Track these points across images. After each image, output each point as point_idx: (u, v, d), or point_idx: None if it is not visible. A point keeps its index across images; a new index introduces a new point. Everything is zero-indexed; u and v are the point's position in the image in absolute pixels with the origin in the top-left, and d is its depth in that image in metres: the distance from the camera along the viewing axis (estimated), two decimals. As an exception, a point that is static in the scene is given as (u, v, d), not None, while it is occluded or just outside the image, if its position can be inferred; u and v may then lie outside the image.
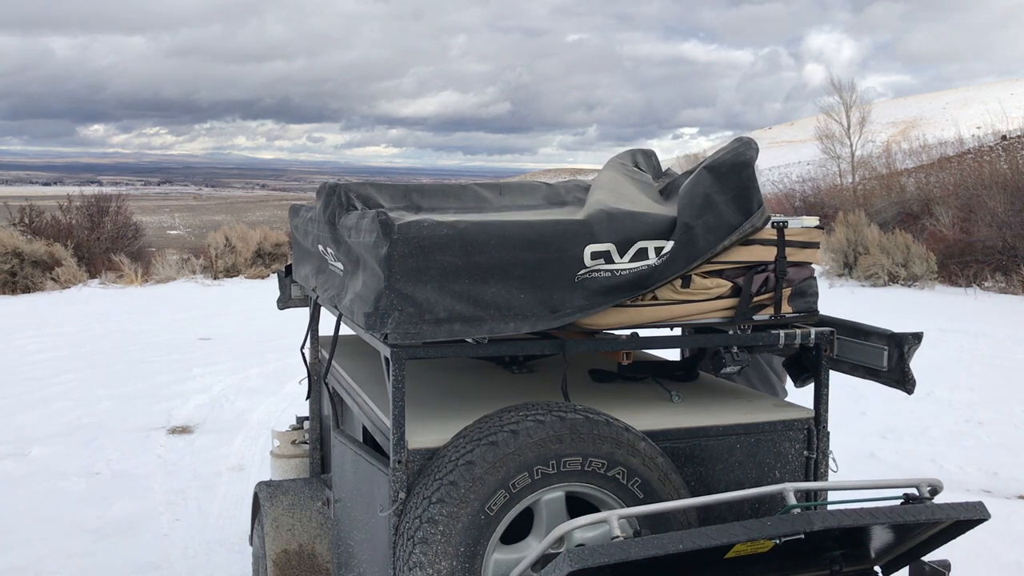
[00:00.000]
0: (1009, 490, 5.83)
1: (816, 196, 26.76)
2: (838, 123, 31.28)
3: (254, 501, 3.84)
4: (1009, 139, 29.08)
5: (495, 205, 3.33)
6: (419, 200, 3.22)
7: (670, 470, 2.58)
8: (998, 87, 70.20)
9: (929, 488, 2.34)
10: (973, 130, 32.08)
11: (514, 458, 2.40)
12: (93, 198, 21.52)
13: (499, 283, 2.48)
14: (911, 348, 2.78)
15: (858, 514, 2.09)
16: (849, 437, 6.67)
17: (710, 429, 2.82)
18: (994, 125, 29.48)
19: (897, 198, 22.08)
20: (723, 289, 2.71)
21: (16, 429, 7.43)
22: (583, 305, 2.54)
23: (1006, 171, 19.91)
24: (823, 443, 2.92)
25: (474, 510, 2.37)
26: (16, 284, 17.29)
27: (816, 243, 2.81)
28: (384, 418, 2.71)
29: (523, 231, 2.49)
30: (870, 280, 16.28)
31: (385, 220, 2.41)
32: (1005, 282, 15.33)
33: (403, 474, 2.52)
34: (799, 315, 2.81)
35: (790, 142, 63.96)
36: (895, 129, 51.74)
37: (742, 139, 2.74)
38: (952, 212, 18.36)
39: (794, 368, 3.05)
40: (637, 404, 2.99)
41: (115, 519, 5.36)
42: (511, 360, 3.53)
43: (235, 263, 19.19)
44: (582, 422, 2.47)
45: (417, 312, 2.42)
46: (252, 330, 12.14)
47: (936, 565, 2.45)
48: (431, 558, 2.35)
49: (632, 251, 2.55)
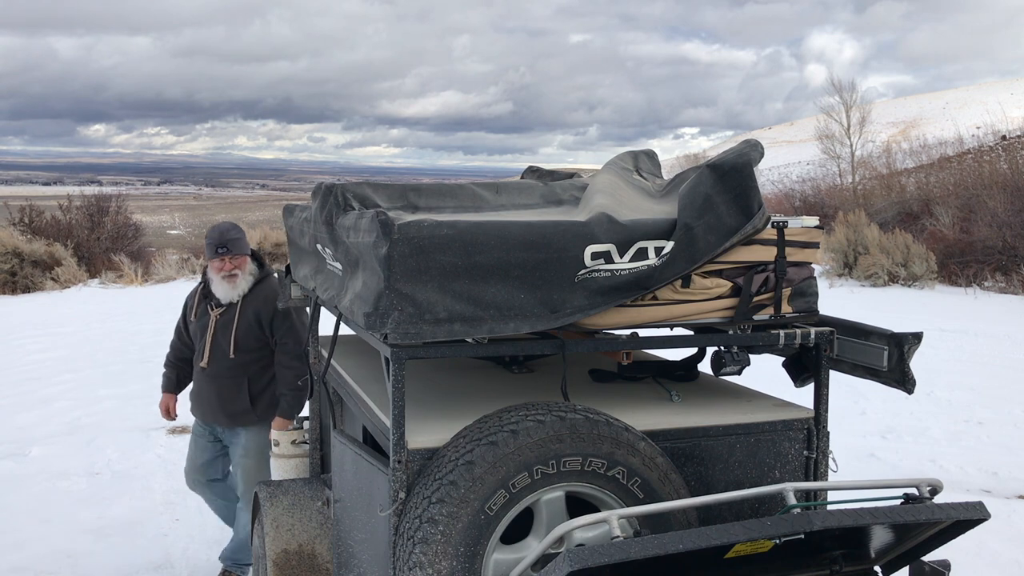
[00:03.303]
0: (1009, 490, 5.83)
1: (816, 196, 26.76)
2: (838, 123, 31.28)
3: (254, 501, 3.84)
4: (1009, 139, 29.07)
5: (492, 204, 3.33)
6: (416, 200, 3.22)
7: (670, 470, 2.57)
8: (998, 87, 70.19)
9: (929, 488, 2.34)
10: (973, 130, 32.08)
11: (514, 458, 2.40)
12: (93, 198, 21.52)
13: (499, 283, 2.48)
14: (911, 348, 2.78)
15: (858, 514, 2.09)
16: (849, 437, 6.67)
17: (710, 429, 2.82)
18: (994, 125, 29.47)
19: (897, 198, 22.07)
20: (723, 289, 2.71)
21: (16, 429, 7.43)
22: (583, 305, 2.54)
23: (1006, 171, 19.90)
24: (823, 443, 2.92)
25: (474, 510, 2.37)
26: (16, 284, 17.29)
27: (816, 243, 2.81)
28: (384, 418, 2.71)
29: (523, 231, 2.49)
30: (870, 280, 16.27)
31: (385, 220, 2.41)
32: (1005, 282, 15.32)
33: (403, 474, 2.52)
34: (799, 315, 2.81)
35: (790, 142, 63.95)
36: (895, 129, 51.74)
37: (748, 141, 2.75)
38: (952, 212, 18.36)
39: (794, 368, 3.05)
40: (637, 404, 2.99)
41: (115, 519, 5.36)
42: (511, 360, 3.53)
43: (235, 263, 19.17)
44: (582, 422, 2.47)
45: (417, 312, 2.42)
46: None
47: (936, 565, 2.45)
48: (431, 558, 2.35)
49: (632, 251, 2.55)
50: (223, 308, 4.35)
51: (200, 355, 4.41)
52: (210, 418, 4.44)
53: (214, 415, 4.42)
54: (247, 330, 4.35)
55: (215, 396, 4.38)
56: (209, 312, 4.39)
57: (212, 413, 4.42)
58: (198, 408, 4.49)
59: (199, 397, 4.47)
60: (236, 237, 4.34)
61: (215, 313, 4.37)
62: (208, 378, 4.38)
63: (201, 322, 4.43)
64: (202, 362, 4.39)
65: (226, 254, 4.29)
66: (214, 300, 4.38)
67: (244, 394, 4.36)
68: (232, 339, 4.32)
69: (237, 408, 4.37)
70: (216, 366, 4.36)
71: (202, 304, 4.44)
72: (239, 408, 4.37)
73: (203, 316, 4.42)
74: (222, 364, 4.34)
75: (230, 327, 4.32)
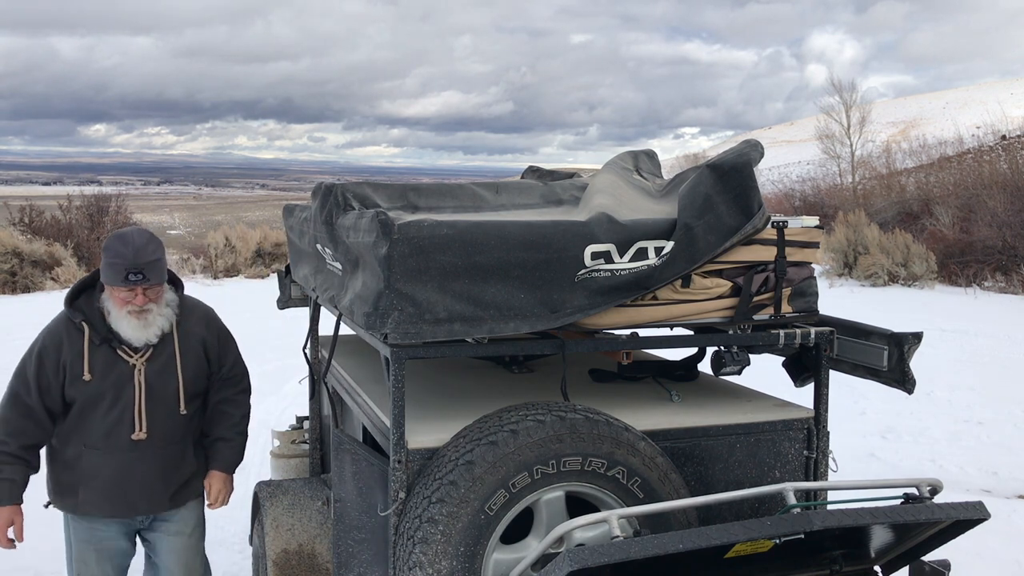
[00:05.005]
0: (1009, 490, 5.83)
1: (816, 196, 26.77)
2: (838, 123, 31.28)
3: (254, 501, 3.83)
4: (1009, 139, 29.07)
5: (492, 204, 3.33)
6: (416, 199, 3.22)
7: (670, 470, 2.57)
8: (998, 87, 70.21)
9: (929, 488, 2.34)
10: (973, 130, 32.08)
11: (514, 458, 2.40)
12: (93, 198, 21.53)
13: (499, 283, 2.48)
14: (911, 348, 2.78)
15: (858, 514, 2.09)
16: (849, 437, 6.67)
17: (710, 429, 2.82)
18: (994, 125, 29.47)
19: (897, 198, 22.08)
20: (723, 289, 2.71)
21: (16, 429, 7.41)
22: (583, 305, 2.54)
23: (1006, 171, 19.91)
24: (823, 443, 2.92)
25: (474, 510, 2.37)
26: (16, 284, 17.29)
27: (816, 243, 2.81)
28: (384, 418, 2.71)
29: (523, 231, 2.49)
30: (870, 280, 16.28)
31: (385, 220, 2.41)
32: (1005, 282, 15.33)
33: (403, 474, 2.52)
34: (799, 315, 2.81)
35: (790, 142, 63.96)
36: (895, 129, 51.75)
37: (748, 141, 2.75)
38: (952, 212, 18.36)
39: (794, 368, 3.05)
40: (637, 404, 2.99)
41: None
42: (511, 360, 3.53)
43: (235, 263, 19.20)
44: (582, 422, 2.47)
45: (417, 312, 2.42)
46: (252, 330, 12.11)
47: (936, 565, 2.45)
48: (431, 558, 2.35)
49: (632, 251, 2.55)
50: (145, 350, 3.06)
51: (127, 425, 3.05)
52: (140, 509, 3.15)
53: (149, 503, 3.14)
54: (196, 370, 3.18)
55: (154, 475, 3.12)
56: (124, 359, 3.04)
57: (145, 500, 3.14)
58: (110, 502, 3.10)
59: (116, 486, 3.08)
60: (155, 258, 2.98)
61: (137, 359, 3.05)
62: (144, 454, 3.09)
63: (111, 378, 3.03)
64: (135, 433, 3.05)
65: (140, 283, 2.93)
66: (120, 342, 3.03)
67: (191, 459, 3.23)
68: (179, 388, 3.11)
69: (182, 480, 3.20)
70: (158, 433, 3.09)
71: (101, 351, 3.03)
72: (184, 479, 3.21)
73: (110, 368, 3.03)
74: (167, 427, 3.12)
75: (172, 372, 3.10)
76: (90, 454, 3.08)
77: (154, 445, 3.10)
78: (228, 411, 3.29)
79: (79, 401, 3.05)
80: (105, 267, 2.97)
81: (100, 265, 3.01)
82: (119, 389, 3.04)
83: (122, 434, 3.06)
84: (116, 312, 3.00)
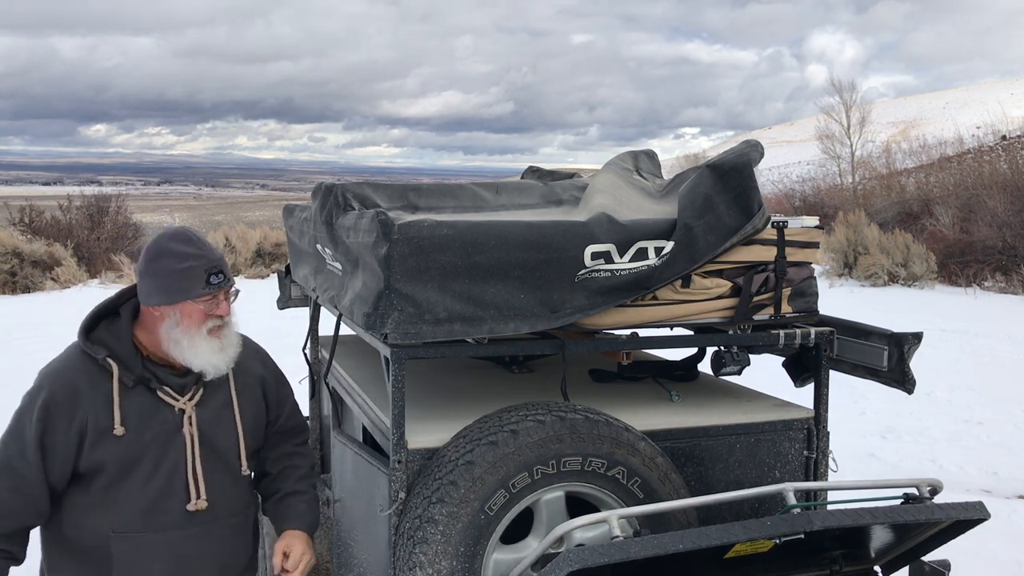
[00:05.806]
0: (1009, 490, 5.83)
1: (816, 196, 26.77)
2: (838, 123, 31.30)
3: (254, 501, 3.83)
4: (1009, 139, 29.08)
5: (492, 204, 3.33)
6: (416, 200, 3.21)
7: (670, 470, 2.57)
8: (998, 87, 70.21)
9: (929, 488, 2.34)
10: (973, 130, 32.09)
11: (514, 458, 2.39)
12: (93, 198, 21.55)
13: (499, 283, 2.47)
14: (911, 348, 2.78)
15: (858, 514, 2.09)
16: (849, 437, 6.67)
17: (710, 429, 2.82)
18: (994, 125, 29.48)
19: (897, 198, 22.09)
20: (723, 289, 2.71)
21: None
22: (583, 305, 2.54)
23: (1006, 171, 19.92)
24: (823, 443, 2.92)
25: (474, 510, 2.37)
26: (16, 284, 17.29)
27: (816, 243, 2.81)
28: (384, 418, 2.70)
29: (523, 231, 2.49)
30: (870, 280, 16.28)
31: (385, 220, 2.41)
32: (1005, 282, 15.33)
33: (403, 474, 2.51)
34: (799, 315, 2.81)
35: (790, 142, 63.96)
36: (895, 129, 51.75)
37: (748, 141, 2.75)
38: (952, 212, 18.37)
39: (794, 368, 3.05)
40: (637, 404, 2.99)
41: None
42: (511, 360, 3.53)
43: (235, 263, 19.20)
44: (582, 422, 2.47)
45: (417, 312, 2.42)
46: (251, 330, 12.11)
47: (936, 565, 2.45)
48: (431, 558, 2.35)
49: (632, 251, 2.55)
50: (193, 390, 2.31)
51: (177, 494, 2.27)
52: None
53: None
54: (256, 418, 2.48)
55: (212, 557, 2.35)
56: (167, 404, 2.27)
57: None
58: None
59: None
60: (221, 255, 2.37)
61: (185, 403, 2.29)
62: (203, 532, 2.32)
63: (152, 430, 2.24)
64: (191, 503, 2.28)
65: (223, 285, 2.31)
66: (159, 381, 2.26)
67: (249, 533, 2.50)
68: (240, 440, 2.39)
69: (244, 559, 2.49)
70: (220, 501, 2.35)
71: (135, 396, 2.24)
72: (246, 558, 2.50)
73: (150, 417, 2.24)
74: (229, 492, 2.37)
75: (229, 420, 2.38)
76: (122, 542, 2.24)
77: (216, 518, 2.33)
78: (296, 463, 2.60)
79: (108, 467, 2.21)
80: (168, 277, 2.21)
81: (146, 283, 2.25)
82: (163, 445, 2.25)
83: (171, 508, 2.26)
84: (192, 336, 2.25)
